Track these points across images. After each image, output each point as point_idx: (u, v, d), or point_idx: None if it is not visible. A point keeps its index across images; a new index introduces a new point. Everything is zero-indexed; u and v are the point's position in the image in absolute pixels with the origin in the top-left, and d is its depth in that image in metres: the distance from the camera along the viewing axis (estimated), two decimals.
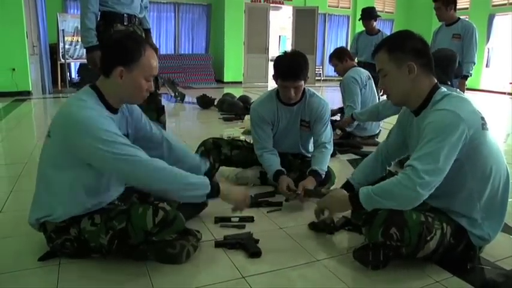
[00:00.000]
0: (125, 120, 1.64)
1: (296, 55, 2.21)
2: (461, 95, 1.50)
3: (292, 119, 2.38)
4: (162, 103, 3.04)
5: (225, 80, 10.63)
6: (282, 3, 11.34)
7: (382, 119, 3.50)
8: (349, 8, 12.37)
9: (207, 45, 11.05)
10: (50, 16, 7.91)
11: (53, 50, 8.02)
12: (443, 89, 1.51)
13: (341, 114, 4.01)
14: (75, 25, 8.01)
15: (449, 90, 1.51)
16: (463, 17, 4.27)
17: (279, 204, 2.16)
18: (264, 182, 2.45)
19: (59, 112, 1.48)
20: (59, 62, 8.21)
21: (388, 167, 1.87)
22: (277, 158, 2.34)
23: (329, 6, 12.09)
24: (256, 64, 10.83)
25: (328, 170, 2.31)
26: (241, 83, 10.74)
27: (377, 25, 4.89)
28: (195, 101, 6.31)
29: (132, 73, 1.49)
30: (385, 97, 1.68)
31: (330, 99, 2.55)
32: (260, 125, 2.36)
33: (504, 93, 10.04)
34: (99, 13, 2.68)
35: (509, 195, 1.52)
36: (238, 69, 10.79)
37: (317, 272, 1.53)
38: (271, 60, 9.26)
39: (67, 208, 1.46)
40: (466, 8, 10.85)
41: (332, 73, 10.48)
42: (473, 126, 1.38)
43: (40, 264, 1.52)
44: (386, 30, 10.58)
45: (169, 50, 10.61)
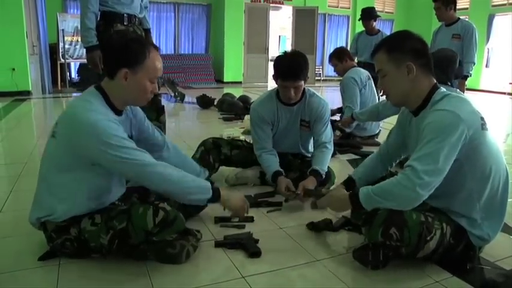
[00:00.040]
0: (129, 121, 1.65)
1: (296, 55, 2.21)
2: (460, 95, 1.50)
3: (292, 119, 2.38)
4: (162, 103, 3.03)
5: (224, 80, 10.64)
6: (282, 3, 11.34)
7: (382, 119, 3.50)
8: (349, 8, 12.37)
9: (207, 45, 11.06)
10: (50, 16, 7.92)
11: (52, 49, 8.04)
12: (442, 89, 1.51)
13: (340, 114, 4.00)
14: (75, 25, 8.02)
15: (449, 91, 1.51)
16: (463, 17, 4.27)
17: (279, 204, 2.16)
18: (264, 182, 2.45)
19: (65, 113, 1.48)
20: (58, 62, 8.22)
21: (389, 167, 1.87)
22: (276, 158, 2.34)
23: (329, 6, 12.10)
24: (256, 64, 10.83)
25: (328, 170, 2.31)
26: (241, 83, 10.74)
27: (377, 25, 4.89)
28: (195, 101, 6.31)
29: (136, 75, 1.49)
30: (385, 97, 1.67)
31: (329, 99, 2.55)
32: (260, 125, 2.36)
33: (504, 93, 10.04)
34: (99, 13, 2.68)
35: (508, 196, 1.52)
36: (238, 69, 10.80)
37: (317, 272, 1.53)
38: (271, 60, 9.25)
39: (69, 208, 1.46)
40: (466, 8, 10.86)
41: (332, 73, 10.48)
42: (472, 126, 1.38)
43: (40, 264, 1.52)
44: (386, 31, 10.57)
45: (169, 50, 10.61)
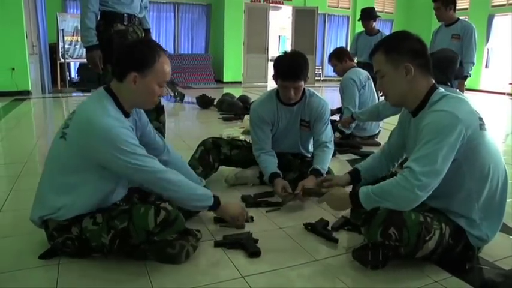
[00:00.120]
0: (134, 124, 1.65)
1: (296, 55, 2.21)
2: (459, 96, 1.50)
3: (292, 119, 2.38)
4: (161, 103, 3.03)
5: (224, 80, 10.64)
6: (282, 3, 11.34)
7: (383, 119, 3.50)
8: (348, 8, 12.37)
9: (207, 45, 11.06)
10: (50, 16, 7.92)
11: (52, 49, 8.04)
12: (441, 89, 1.51)
13: (340, 114, 4.00)
14: (75, 25, 8.03)
15: (449, 91, 1.51)
16: (463, 17, 4.27)
17: (278, 204, 2.15)
18: (264, 182, 2.44)
19: (78, 116, 1.47)
20: (58, 62, 8.22)
21: (392, 167, 1.87)
22: (274, 159, 2.34)
23: (329, 7, 12.10)
24: (255, 64, 10.83)
25: (328, 170, 2.31)
26: (240, 83, 10.74)
27: (376, 25, 4.90)
28: (195, 100, 6.32)
29: (145, 79, 1.50)
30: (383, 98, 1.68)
31: (329, 100, 2.56)
32: (260, 125, 2.36)
33: (503, 93, 10.04)
34: (99, 13, 2.68)
35: (507, 196, 1.52)
36: (238, 69, 10.80)
37: (316, 272, 1.53)
38: (271, 60, 9.24)
39: (73, 208, 1.47)
40: (466, 9, 10.86)
41: (331, 73, 10.48)
42: (471, 126, 1.38)
43: (40, 263, 1.52)
44: (386, 31, 10.57)
45: (168, 49, 10.56)
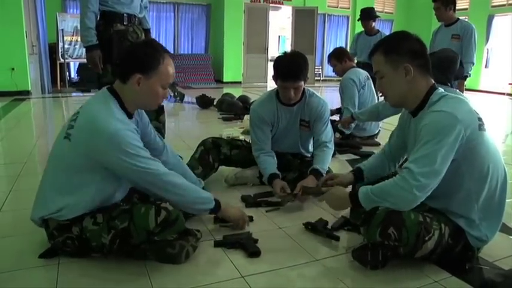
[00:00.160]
0: (136, 124, 1.65)
1: (296, 56, 2.21)
2: (458, 96, 1.50)
3: (292, 119, 2.38)
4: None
5: (224, 80, 10.64)
6: (282, 4, 11.34)
7: (382, 119, 3.50)
8: (348, 9, 12.38)
9: (207, 45, 11.06)
10: (50, 16, 7.92)
11: (52, 49, 8.04)
12: (440, 89, 1.51)
13: (340, 114, 4.00)
14: (75, 25, 8.02)
15: (448, 91, 1.51)
16: (463, 17, 4.28)
17: (278, 204, 2.15)
18: (264, 182, 2.45)
19: (83, 117, 1.47)
20: (58, 62, 8.23)
21: (393, 167, 1.87)
22: (274, 160, 2.34)
23: (328, 7, 12.10)
24: (255, 64, 10.83)
25: (328, 170, 2.31)
26: (240, 83, 10.74)
27: (376, 25, 4.90)
28: (195, 101, 6.32)
29: (149, 80, 1.51)
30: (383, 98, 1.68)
31: (329, 100, 2.56)
32: (260, 126, 2.36)
33: (503, 93, 10.05)
34: (99, 12, 2.69)
35: (507, 196, 1.52)
36: (238, 69, 10.80)
37: (316, 272, 1.53)
38: (271, 60, 9.25)
39: (75, 208, 1.47)
40: (466, 9, 10.87)
41: (331, 73, 10.47)
42: (470, 127, 1.38)
43: (40, 263, 1.52)
44: (386, 31, 10.56)
45: (168, 49, 10.56)
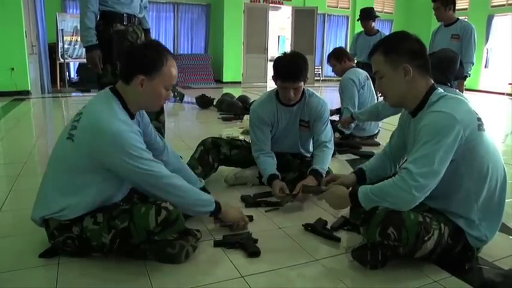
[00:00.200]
0: (137, 124, 1.66)
1: (296, 56, 2.21)
2: (457, 96, 1.50)
3: (291, 120, 2.38)
4: None
5: (224, 80, 10.64)
6: (281, 4, 11.34)
7: (382, 119, 3.50)
8: (348, 9, 12.38)
9: (206, 45, 11.06)
10: (49, 16, 7.92)
11: (52, 49, 8.03)
12: (439, 90, 1.51)
13: (339, 114, 4.01)
14: (74, 25, 8.02)
15: (448, 91, 1.51)
16: (462, 17, 4.28)
17: (278, 203, 2.16)
18: (263, 182, 2.45)
19: (86, 118, 1.47)
20: (58, 62, 8.23)
21: (395, 168, 1.87)
22: (273, 160, 2.34)
23: (328, 7, 12.10)
24: (255, 64, 10.84)
25: (328, 170, 2.31)
26: (240, 83, 10.74)
27: (376, 25, 4.90)
28: (194, 101, 6.32)
29: (153, 82, 1.51)
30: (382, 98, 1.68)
31: (328, 100, 2.56)
32: (259, 126, 2.36)
33: (503, 93, 10.05)
34: (99, 12, 2.68)
35: (506, 196, 1.52)
36: (237, 69, 10.80)
37: (316, 272, 1.54)
38: (271, 60, 9.26)
39: (77, 208, 1.47)
40: (465, 9, 10.88)
41: (331, 73, 10.44)
42: (469, 127, 1.38)
43: (40, 262, 1.52)
44: (386, 31, 10.57)
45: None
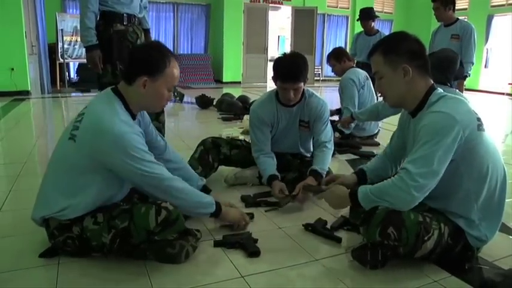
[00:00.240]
0: (138, 124, 1.66)
1: (295, 57, 2.21)
2: (457, 96, 1.50)
3: (291, 120, 2.38)
4: None
5: (224, 80, 10.64)
6: (281, 4, 11.34)
7: (382, 119, 3.50)
8: (348, 9, 12.38)
9: (206, 45, 11.06)
10: (49, 16, 7.92)
11: (51, 49, 8.03)
12: (439, 90, 1.51)
13: (340, 114, 4.01)
14: (74, 25, 8.02)
15: (448, 91, 1.51)
16: (462, 17, 4.28)
17: (277, 204, 2.15)
18: (263, 182, 2.45)
19: (89, 118, 1.47)
20: (57, 62, 8.22)
21: (395, 169, 1.86)
22: (273, 161, 2.34)
23: (328, 7, 12.10)
24: (255, 64, 10.84)
25: (327, 170, 2.31)
26: (240, 83, 10.74)
27: (376, 25, 4.90)
28: (194, 101, 6.32)
29: (155, 83, 1.52)
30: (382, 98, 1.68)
31: (328, 100, 2.55)
32: (259, 126, 2.36)
33: (503, 93, 10.06)
34: (99, 12, 2.69)
35: (506, 195, 1.52)
36: (237, 69, 10.80)
37: (316, 272, 1.54)
38: (270, 60, 9.26)
39: (78, 209, 1.47)
40: (465, 9, 10.88)
41: (331, 73, 10.44)
42: (468, 127, 1.38)
43: (40, 262, 1.52)
44: (385, 31, 10.57)
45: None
